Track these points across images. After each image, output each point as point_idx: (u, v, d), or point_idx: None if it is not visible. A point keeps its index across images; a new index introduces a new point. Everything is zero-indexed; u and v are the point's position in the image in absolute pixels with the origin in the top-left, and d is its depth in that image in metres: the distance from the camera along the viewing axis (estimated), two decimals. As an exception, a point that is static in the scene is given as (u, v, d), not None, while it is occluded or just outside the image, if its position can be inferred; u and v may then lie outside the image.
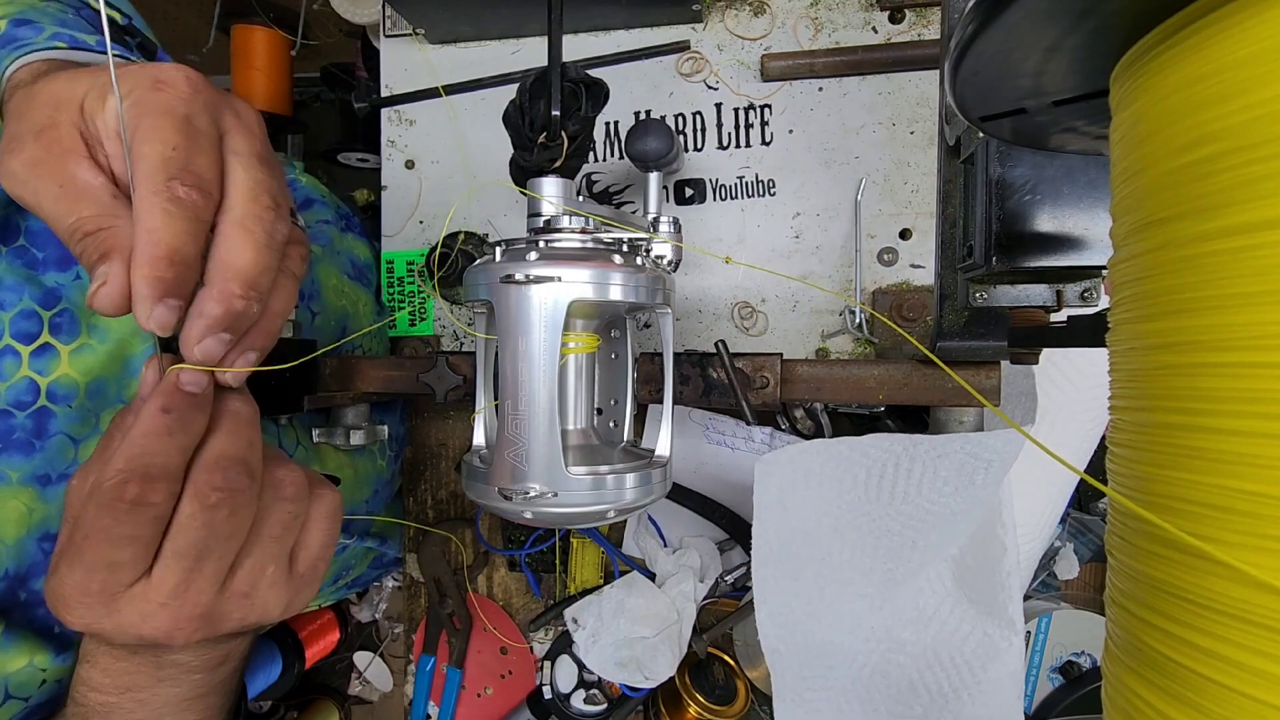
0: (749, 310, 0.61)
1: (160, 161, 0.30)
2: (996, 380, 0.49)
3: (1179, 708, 0.17)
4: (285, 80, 0.88)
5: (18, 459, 0.40)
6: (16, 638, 0.39)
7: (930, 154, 0.57)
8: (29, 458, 0.40)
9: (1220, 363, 0.17)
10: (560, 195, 0.43)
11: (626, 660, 0.61)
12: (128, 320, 0.39)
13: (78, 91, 0.32)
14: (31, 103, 0.33)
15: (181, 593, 0.32)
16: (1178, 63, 0.18)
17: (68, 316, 0.42)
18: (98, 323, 0.43)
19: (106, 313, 0.31)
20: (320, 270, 0.60)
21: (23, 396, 0.40)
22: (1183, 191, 0.17)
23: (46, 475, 0.40)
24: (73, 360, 0.41)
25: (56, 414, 0.41)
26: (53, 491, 0.41)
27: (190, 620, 0.33)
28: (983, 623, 0.52)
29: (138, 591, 0.32)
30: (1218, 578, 0.16)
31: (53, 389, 0.41)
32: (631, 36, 0.62)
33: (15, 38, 0.38)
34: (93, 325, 0.42)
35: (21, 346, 0.40)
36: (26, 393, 0.40)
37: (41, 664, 0.40)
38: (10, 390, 0.40)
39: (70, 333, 0.42)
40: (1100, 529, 0.71)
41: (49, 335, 0.41)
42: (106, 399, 0.43)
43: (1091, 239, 0.35)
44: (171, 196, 0.30)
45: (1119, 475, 0.20)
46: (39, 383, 0.40)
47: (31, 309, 0.40)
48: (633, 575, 0.65)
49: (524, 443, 0.40)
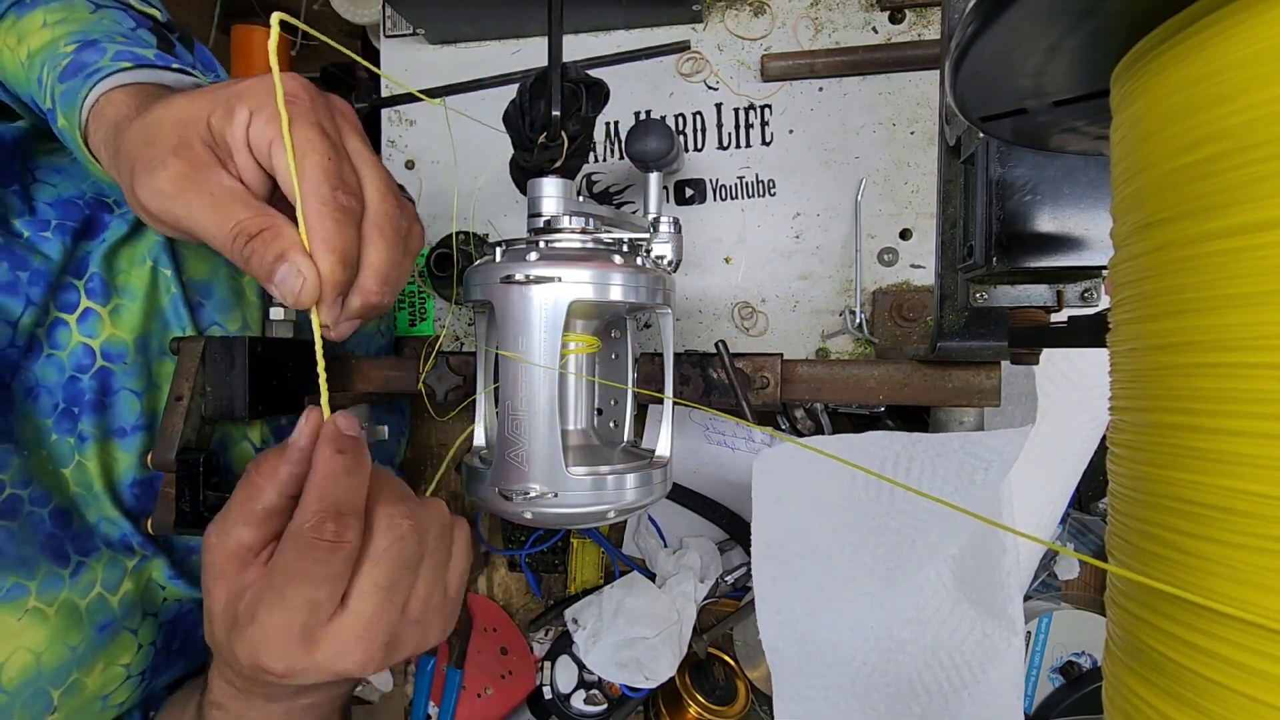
0: (749, 310, 0.61)
1: (321, 173, 0.33)
2: (997, 381, 0.49)
3: (1179, 708, 0.17)
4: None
5: (93, 418, 0.43)
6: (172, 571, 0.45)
7: (930, 154, 0.57)
8: (102, 415, 0.44)
9: (1220, 363, 0.17)
10: (560, 195, 0.43)
11: (627, 660, 0.61)
12: (144, 275, 0.46)
13: (200, 111, 0.34)
14: (156, 128, 0.34)
15: (375, 623, 0.33)
16: (1178, 63, 0.18)
17: (98, 280, 0.44)
18: (120, 283, 0.46)
19: (305, 305, 0.33)
20: None
21: (82, 360, 0.44)
22: (1183, 192, 0.17)
23: (122, 428, 0.45)
24: (114, 321, 0.45)
25: (115, 372, 0.45)
26: (128, 442, 0.45)
27: (380, 650, 0.33)
28: (982, 623, 0.52)
29: (334, 627, 0.32)
30: (1218, 578, 0.16)
31: (105, 350, 0.44)
32: (631, 36, 0.62)
33: (84, 64, 0.39)
34: (119, 287, 0.46)
35: (68, 316, 0.44)
36: (85, 356, 0.44)
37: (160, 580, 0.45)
38: (70, 357, 0.43)
39: (104, 295, 0.45)
40: (1100, 529, 0.71)
41: (87, 300, 0.44)
42: (151, 352, 0.47)
43: (1092, 239, 0.35)
44: (338, 206, 0.33)
45: (1119, 475, 0.20)
46: (92, 346, 0.44)
47: (69, 281, 0.44)
48: (633, 575, 0.65)
49: (524, 443, 0.40)
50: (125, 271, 0.46)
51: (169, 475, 0.44)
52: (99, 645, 0.41)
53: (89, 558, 0.42)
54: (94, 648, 0.40)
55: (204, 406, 0.46)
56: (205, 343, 0.46)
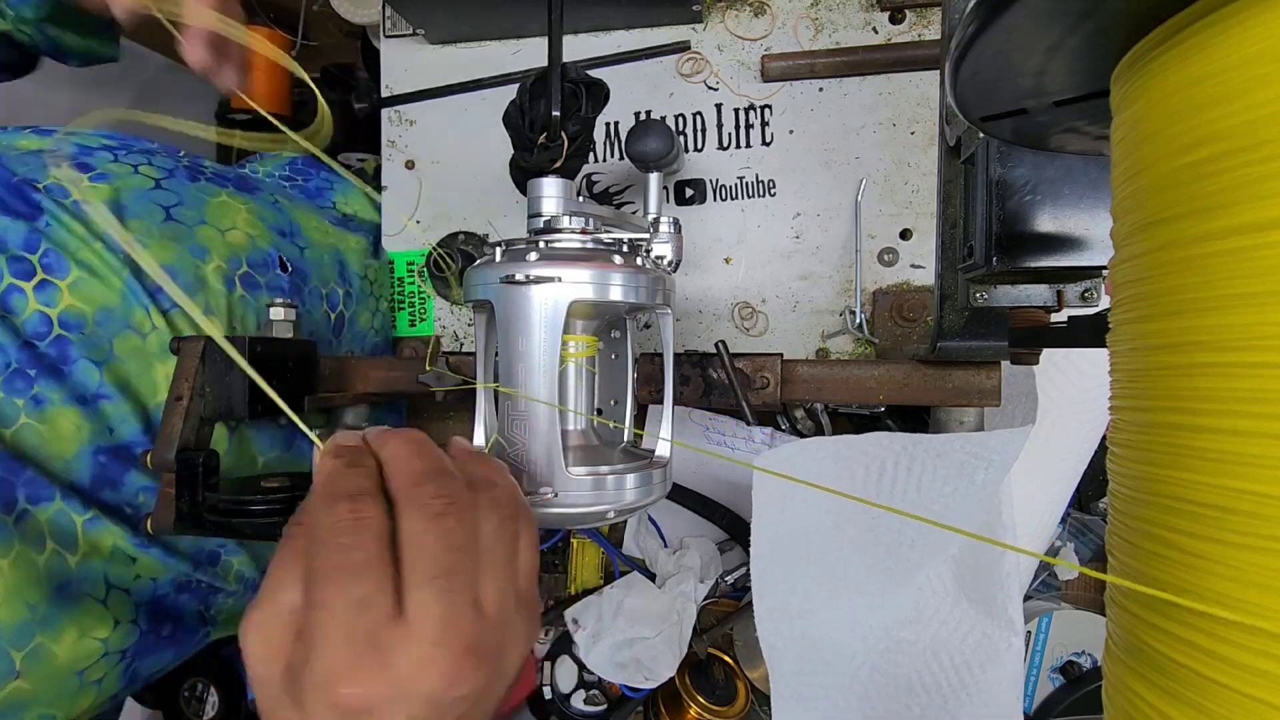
0: (749, 310, 0.61)
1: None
2: (997, 381, 0.49)
3: (1179, 708, 0.17)
4: (285, 80, 0.88)
5: (52, 383, 0.44)
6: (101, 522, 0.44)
7: (930, 154, 0.57)
8: (62, 382, 0.44)
9: (1220, 363, 0.17)
10: (560, 195, 0.43)
11: (627, 661, 0.61)
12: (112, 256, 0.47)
13: None
14: None
15: (447, 624, 0.28)
16: (1179, 63, 0.18)
17: (53, 255, 0.45)
18: (82, 257, 0.46)
19: None
20: (296, 214, 0.61)
21: (39, 328, 0.44)
22: (1184, 192, 0.17)
23: (82, 396, 0.45)
24: (73, 292, 0.45)
25: (72, 341, 0.45)
26: (91, 410, 0.45)
27: (467, 657, 0.28)
28: (982, 623, 0.52)
29: (402, 633, 0.27)
30: (1218, 578, 0.16)
31: (63, 319, 0.45)
32: (631, 37, 0.62)
33: None
34: (79, 260, 0.46)
35: (24, 283, 0.44)
36: (41, 324, 0.44)
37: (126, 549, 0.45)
38: (27, 324, 0.44)
39: (62, 269, 0.45)
40: (1100, 529, 0.71)
41: (43, 273, 0.45)
42: (113, 325, 0.47)
43: (1092, 239, 0.35)
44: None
45: (1119, 475, 0.20)
46: (49, 314, 0.45)
47: (18, 254, 0.44)
48: (632, 575, 0.65)
49: (524, 443, 0.40)
50: (83, 248, 0.46)
51: (168, 475, 0.44)
52: (62, 608, 0.40)
53: (36, 506, 0.42)
54: (57, 610, 0.40)
55: (203, 406, 0.46)
56: (205, 343, 0.46)
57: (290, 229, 0.59)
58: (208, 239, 0.52)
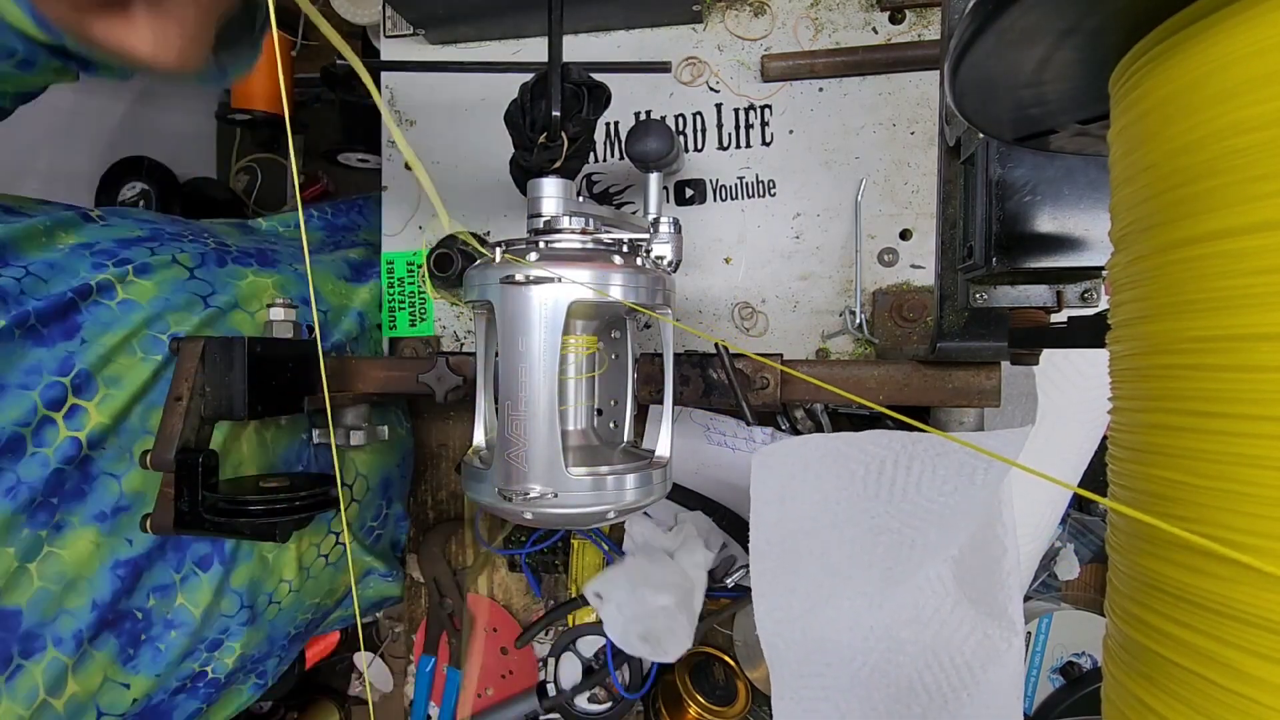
0: (749, 311, 0.61)
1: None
2: (997, 381, 0.49)
3: (1179, 709, 0.17)
4: (285, 80, 0.88)
5: (76, 506, 0.45)
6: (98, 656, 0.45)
7: (930, 154, 0.57)
8: (84, 502, 0.45)
9: (1220, 363, 0.17)
10: (560, 196, 0.43)
11: (648, 633, 0.60)
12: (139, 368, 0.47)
13: None
14: None
15: None
16: (1178, 63, 0.18)
17: (84, 376, 0.45)
18: (112, 374, 0.46)
19: None
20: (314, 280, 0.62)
21: (69, 453, 0.44)
22: (1183, 192, 0.17)
23: (102, 513, 0.45)
24: (99, 410, 0.46)
25: (95, 458, 0.45)
26: (109, 525, 0.46)
27: None
28: (983, 623, 0.52)
29: None
30: (1219, 579, 0.16)
31: (91, 437, 0.45)
32: (631, 37, 0.62)
33: None
34: (108, 378, 0.46)
35: (55, 413, 0.44)
36: (71, 448, 0.44)
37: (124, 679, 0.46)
38: (57, 453, 0.44)
39: (90, 390, 0.45)
40: (1101, 529, 0.71)
41: (74, 397, 0.45)
42: (134, 432, 0.47)
43: (1091, 239, 0.35)
44: None
45: (1119, 475, 0.20)
46: (79, 438, 0.44)
47: (54, 380, 0.44)
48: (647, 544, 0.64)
49: (524, 443, 0.40)
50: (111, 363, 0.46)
51: (168, 475, 0.44)
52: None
53: (29, 660, 0.42)
54: None
55: (203, 406, 0.46)
56: (205, 343, 0.46)
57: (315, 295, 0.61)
58: (240, 324, 0.53)
